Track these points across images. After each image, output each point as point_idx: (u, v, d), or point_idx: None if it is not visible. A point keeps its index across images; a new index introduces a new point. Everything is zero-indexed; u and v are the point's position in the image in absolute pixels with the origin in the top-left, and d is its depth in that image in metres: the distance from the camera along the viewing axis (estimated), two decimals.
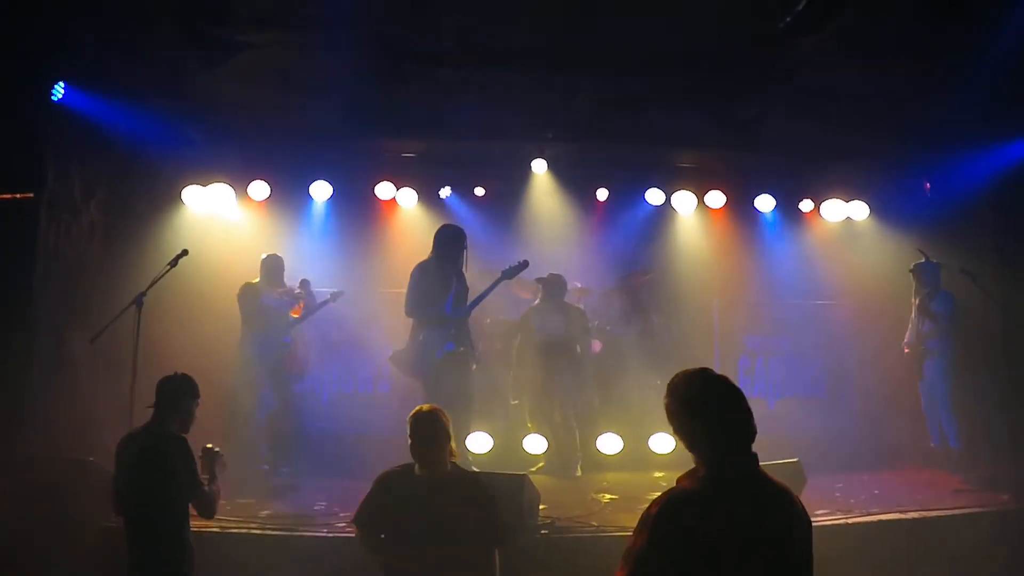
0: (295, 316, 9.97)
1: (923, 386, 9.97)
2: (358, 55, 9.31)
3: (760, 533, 3.29)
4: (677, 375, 3.67)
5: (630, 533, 6.59)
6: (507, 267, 9.16)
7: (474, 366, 9.13)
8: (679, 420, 3.58)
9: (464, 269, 9.14)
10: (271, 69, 9.57)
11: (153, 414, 5.66)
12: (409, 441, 5.35)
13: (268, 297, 9.82)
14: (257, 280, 9.91)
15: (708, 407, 3.53)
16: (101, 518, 6.51)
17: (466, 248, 9.16)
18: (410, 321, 9.03)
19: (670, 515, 3.31)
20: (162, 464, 5.46)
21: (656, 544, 3.27)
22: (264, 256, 10.03)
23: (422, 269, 9.04)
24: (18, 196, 7.48)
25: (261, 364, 9.57)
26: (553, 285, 10.12)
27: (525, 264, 9.25)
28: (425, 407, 5.46)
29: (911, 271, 10.12)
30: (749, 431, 3.50)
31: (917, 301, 10.07)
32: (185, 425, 5.70)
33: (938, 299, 9.91)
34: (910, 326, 10.17)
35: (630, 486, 9.16)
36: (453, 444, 5.45)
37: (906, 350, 10.18)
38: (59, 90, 8.36)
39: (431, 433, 5.34)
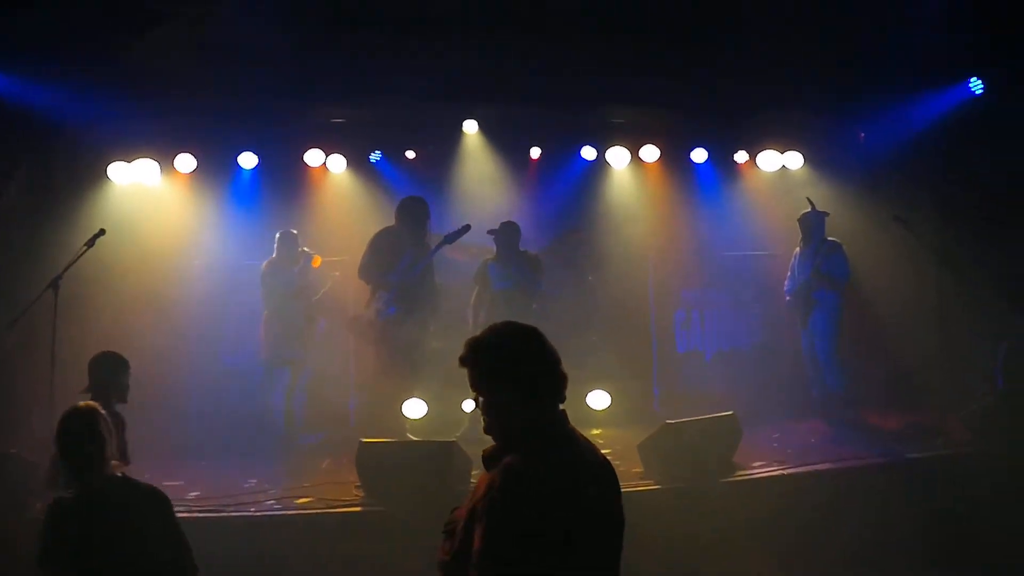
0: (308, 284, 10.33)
1: (805, 335, 10.10)
2: (281, 21, 9.17)
3: (584, 497, 3.04)
4: (484, 332, 3.24)
5: None
6: (448, 231, 9.13)
7: (431, 328, 9.22)
8: (489, 381, 3.18)
9: (426, 240, 9.18)
10: (192, 39, 9.38)
11: (93, 395, 5.93)
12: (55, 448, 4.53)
13: (286, 272, 10.16)
14: (274, 256, 10.17)
15: (524, 365, 3.16)
16: (22, 511, 6.42)
17: (428, 219, 9.27)
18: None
19: (521, 495, 2.96)
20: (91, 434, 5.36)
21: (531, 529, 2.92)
22: (278, 233, 10.22)
23: (380, 234, 9.17)
24: None
25: (278, 339, 9.97)
26: (505, 234, 9.93)
27: (467, 228, 9.20)
28: (81, 404, 4.56)
29: (798, 220, 10.18)
30: (561, 388, 3.20)
31: (799, 250, 10.19)
32: (124, 397, 6.25)
33: (826, 250, 9.97)
34: (789, 274, 10.31)
35: None
36: (113, 453, 4.52)
37: (787, 298, 10.34)
38: None
39: (89, 434, 4.40)
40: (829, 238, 10.02)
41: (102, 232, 7.98)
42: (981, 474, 7.48)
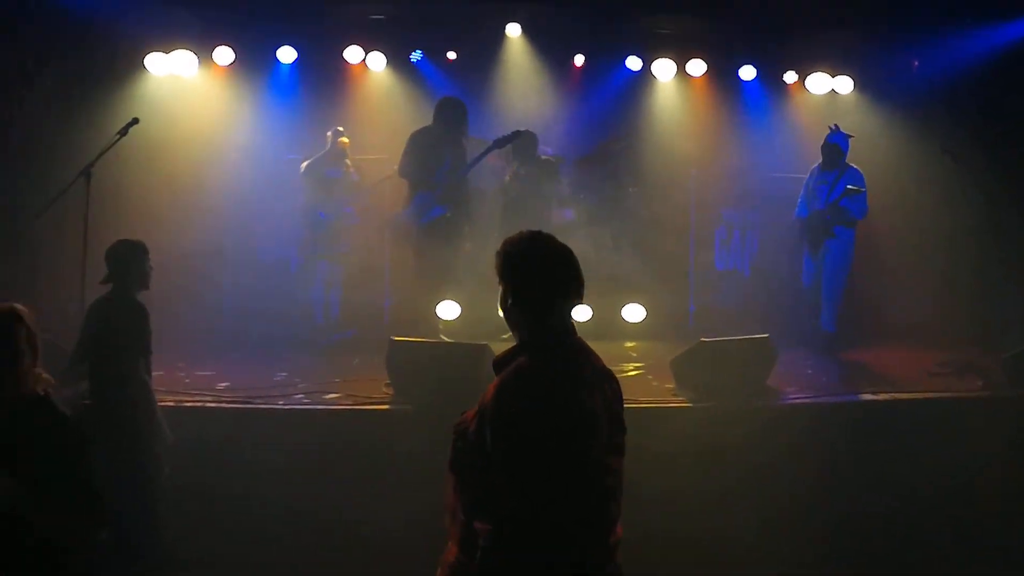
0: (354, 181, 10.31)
1: (812, 263, 9.82)
2: None
3: (585, 404, 3.06)
4: (512, 238, 3.29)
5: None
6: (499, 136, 9.03)
7: (466, 231, 9.17)
8: (505, 284, 3.25)
9: (464, 141, 9.09)
10: None
11: (112, 283, 6.00)
12: None
13: (333, 169, 10.15)
14: (324, 151, 10.13)
15: (547, 271, 3.23)
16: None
17: (467, 120, 9.11)
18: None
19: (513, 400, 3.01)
20: (121, 326, 5.93)
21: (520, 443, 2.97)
22: (330, 132, 10.13)
23: (418, 134, 9.01)
24: None
25: (317, 234, 10.03)
26: (522, 144, 9.67)
27: (517, 134, 9.10)
28: (1, 306, 3.81)
29: (822, 147, 9.78)
30: (574, 296, 3.25)
31: (816, 171, 9.86)
32: (144, 282, 6.11)
33: (847, 179, 9.58)
34: (803, 194, 9.97)
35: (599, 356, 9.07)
36: (38, 366, 3.84)
37: (796, 219, 10.07)
38: None
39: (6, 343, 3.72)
40: (852, 165, 9.66)
41: (135, 121, 7.84)
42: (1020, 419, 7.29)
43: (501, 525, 2.95)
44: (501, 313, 3.26)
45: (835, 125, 9.70)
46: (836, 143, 9.60)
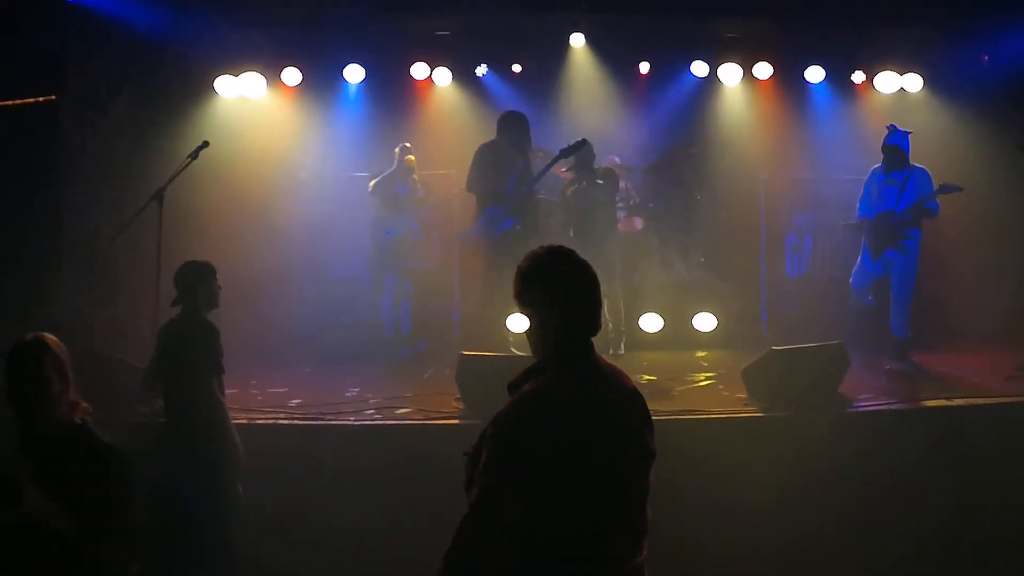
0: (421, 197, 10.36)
1: (876, 265, 9.18)
2: None
3: (606, 427, 2.96)
4: (529, 255, 3.17)
5: (663, 417, 6.59)
6: (565, 146, 9.02)
7: (533, 243, 9.02)
8: (522, 304, 3.14)
9: (530, 153, 9.12)
10: None
11: (182, 304, 6.13)
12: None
13: (401, 186, 10.14)
14: (392, 169, 10.17)
15: (565, 290, 3.08)
16: (129, 415, 6.70)
17: (529, 132, 9.14)
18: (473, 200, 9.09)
19: (527, 424, 2.92)
20: (192, 346, 6.01)
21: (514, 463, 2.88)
22: (398, 148, 10.18)
23: (483, 148, 9.05)
24: (40, 100, 7.36)
25: (386, 248, 10.05)
26: (581, 154, 9.52)
27: (583, 143, 9.08)
28: (27, 337, 3.77)
29: (883, 148, 9.21)
30: (590, 317, 3.11)
31: (878, 173, 9.27)
32: (213, 301, 6.21)
33: (917, 179, 9.05)
34: (864, 197, 9.34)
35: (670, 366, 9.09)
36: (71, 393, 3.77)
37: (859, 221, 9.42)
38: None
39: (31, 373, 3.67)
40: (917, 164, 9.15)
41: (206, 144, 7.96)
42: None
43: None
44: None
45: (892, 125, 9.43)
46: (897, 144, 9.13)
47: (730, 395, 7.66)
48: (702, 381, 8.45)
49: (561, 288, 3.07)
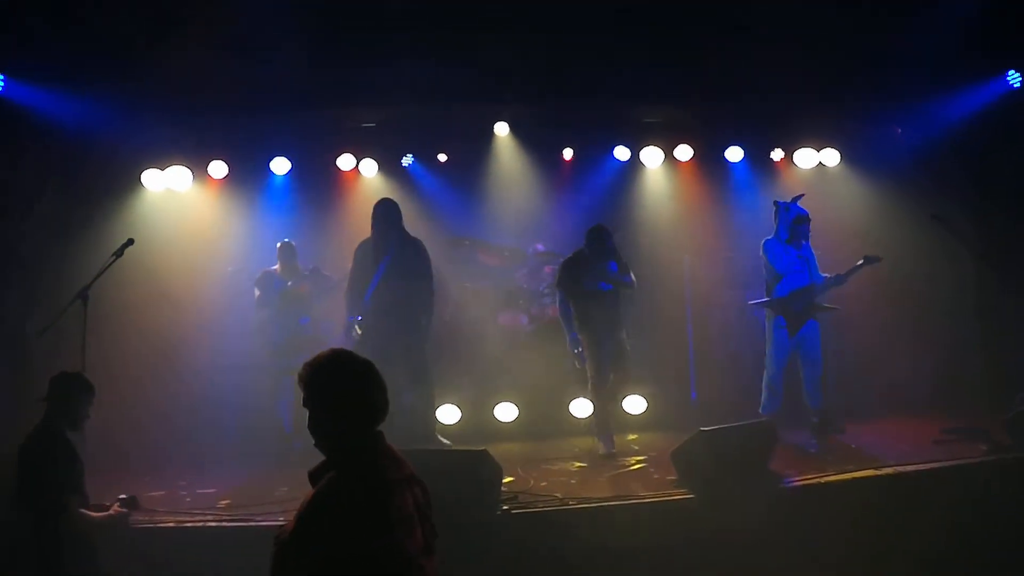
0: (303, 293, 10.12)
1: (790, 343, 9.27)
2: (311, 24, 9.27)
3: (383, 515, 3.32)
4: (313, 359, 3.59)
5: (594, 504, 6.61)
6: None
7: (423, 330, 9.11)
8: (310, 403, 3.54)
9: (401, 241, 9.07)
10: (220, 43, 9.42)
11: (46, 411, 5.94)
12: None
13: (283, 282, 10.10)
14: (276, 267, 10.14)
15: (336, 391, 3.53)
16: None
17: (397, 218, 9.12)
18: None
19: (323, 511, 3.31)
20: (38, 462, 5.76)
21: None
22: (279, 244, 10.19)
23: (359, 247, 9.16)
24: None
25: (278, 346, 9.82)
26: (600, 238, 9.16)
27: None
28: None
29: (796, 220, 9.35)
30: (373, 413, 3.57)
31: (774, 244, 9.37)
32: (75, 423, 6.00)
33: (810, 249, 9.36)
34: (774, 271, 9.36)
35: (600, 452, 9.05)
36: None
37: (775, 298, 9.42)
38: None
39: None
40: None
41: (131, 242, 7.97)
42: None
43: None
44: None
45: (799, 196, 9.62)
46: (808, 215, 9.40)
47: (660, 478, 7.68)
48: (633, 465, 8.45)
49: (342, 387, 3.51)
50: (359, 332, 8.89)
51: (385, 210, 9.06)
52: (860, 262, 9.11)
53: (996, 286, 10.00)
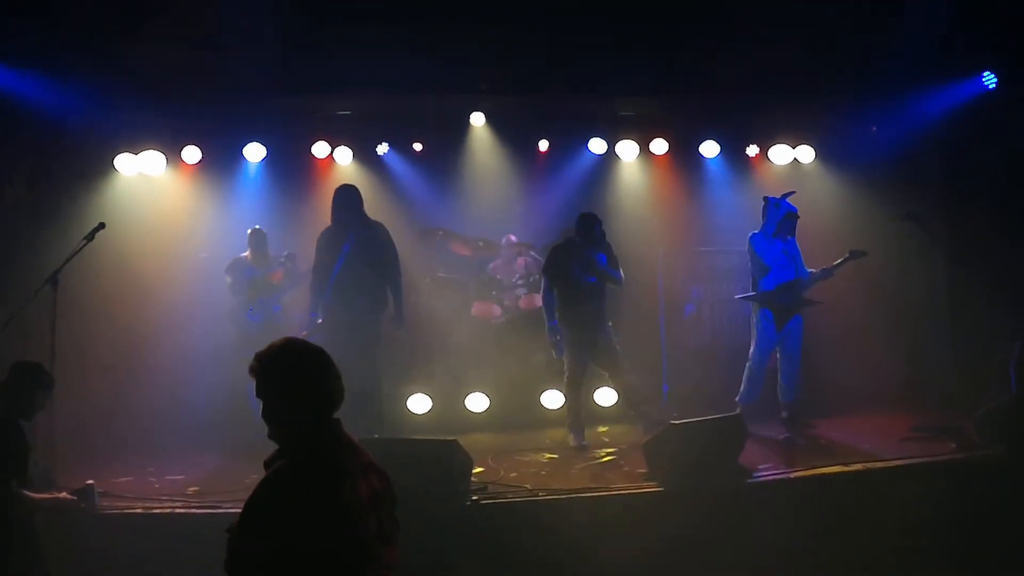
0: (275, 282, 10.08)
1: (775, 338, 9.24)
2: (284, 11, 9.20)
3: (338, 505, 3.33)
4: (267, 347, 3.58)
5: (563, 496, 6.64)
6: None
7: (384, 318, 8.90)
8: (264, 392, 3.53)
9: (362, 226, 8.79)
10: (195, 30, 9.36)
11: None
12: None
13: (254, 270, 10.03)
14: (247, 254, 10.08)
15: (290, 380, 3.52)
16: None
17: (357, 203, 8.80)
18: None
19: (270, 499, 3.29)
20: None
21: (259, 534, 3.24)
22: (249, 231, 10.12)
23: (322, 235, 8.87)
24: None
25: (250, 334, 9.63)
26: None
27: None
28: None
29: (785, 216, 9.35)
30: (327, 402, 3.56)
31: (762, 239, 9.38)
32: (27, 413, 5.95)
33: (795, 244, 9.38)
34: (762, 266, 9.29)
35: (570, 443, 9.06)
36: None
37: (765, 291, 9.35)
38: None
39: None
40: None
41: (102, 226, 7.90)
42: (993, 478, 7.34)
43: None
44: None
45: (790, 192, 9.66)
46: (797, 211, 9.42)
47: (631, 470, 7.70)
48: (603, 457, 8.45)
49: (295, 375, 3.50)
50: (320, 323, 8.77)
51: (345, 196, 8.79)
52: (846, 256, 9.15)
53: (967, 285, 10.08)
